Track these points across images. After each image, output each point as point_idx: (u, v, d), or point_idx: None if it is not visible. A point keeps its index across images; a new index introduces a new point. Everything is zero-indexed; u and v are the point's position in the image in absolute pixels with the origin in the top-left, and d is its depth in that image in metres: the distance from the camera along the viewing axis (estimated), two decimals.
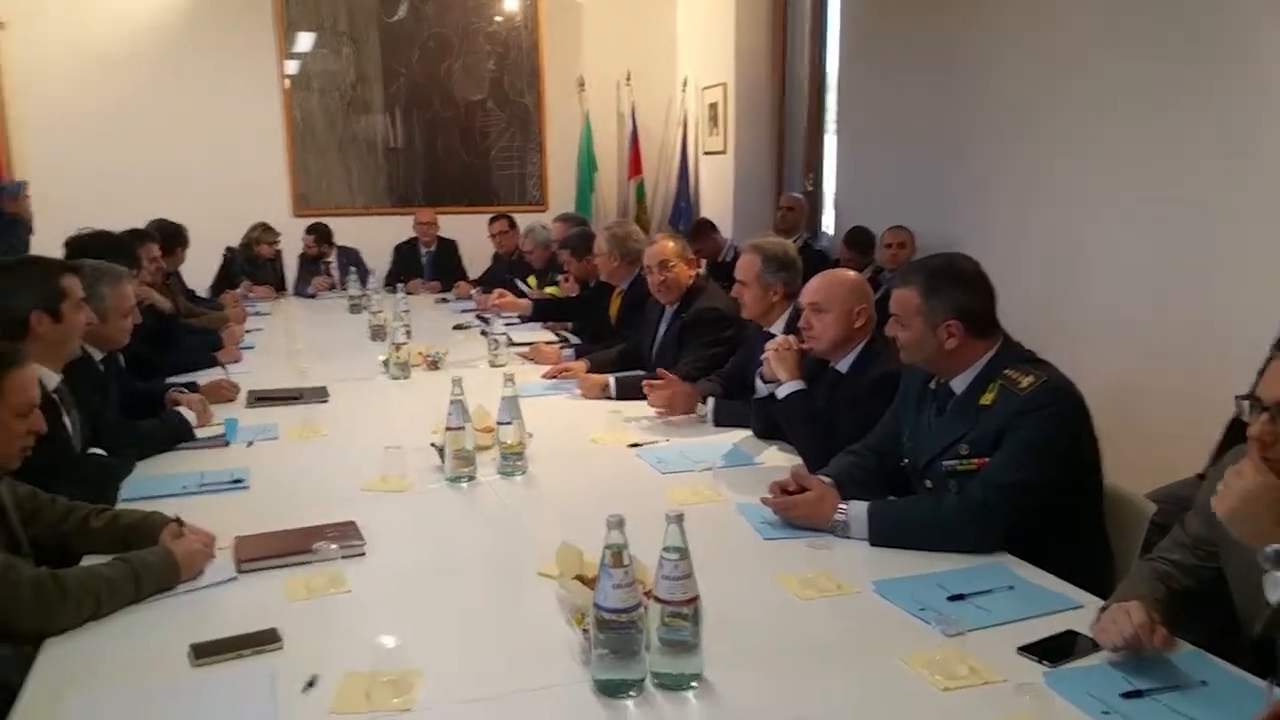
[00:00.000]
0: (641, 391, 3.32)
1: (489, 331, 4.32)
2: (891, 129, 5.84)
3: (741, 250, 3.28)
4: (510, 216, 6.94)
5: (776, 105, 7.46)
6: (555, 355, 4.21)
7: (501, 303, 5.23)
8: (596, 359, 3.99)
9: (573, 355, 4.20)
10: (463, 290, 6.45)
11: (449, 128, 7.91)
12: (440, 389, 2.69)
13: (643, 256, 3.97)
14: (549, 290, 5.74)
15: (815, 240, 6.84)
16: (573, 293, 5.36)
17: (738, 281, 3.20)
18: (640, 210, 8.06)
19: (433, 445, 2.73)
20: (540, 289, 5.88)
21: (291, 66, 7.49)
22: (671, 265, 3.77)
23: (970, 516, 2.07)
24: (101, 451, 2.62)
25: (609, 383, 3.56)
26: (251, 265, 6.64)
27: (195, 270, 6.09)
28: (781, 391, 2.71)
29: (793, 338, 2.79)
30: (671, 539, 1.51)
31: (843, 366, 2.73)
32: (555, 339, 4.74)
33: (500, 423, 2.64)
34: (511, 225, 6.80)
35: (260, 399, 3.51)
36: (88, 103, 6.95)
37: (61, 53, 6.89)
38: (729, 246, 6.82)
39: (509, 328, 4.54)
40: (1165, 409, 3.86)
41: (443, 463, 2.61)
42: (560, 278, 5.59)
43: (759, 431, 2.97)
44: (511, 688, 1.57)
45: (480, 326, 5.05)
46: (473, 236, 7.13)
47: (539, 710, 1.52)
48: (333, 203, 7.68)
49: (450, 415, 2.55)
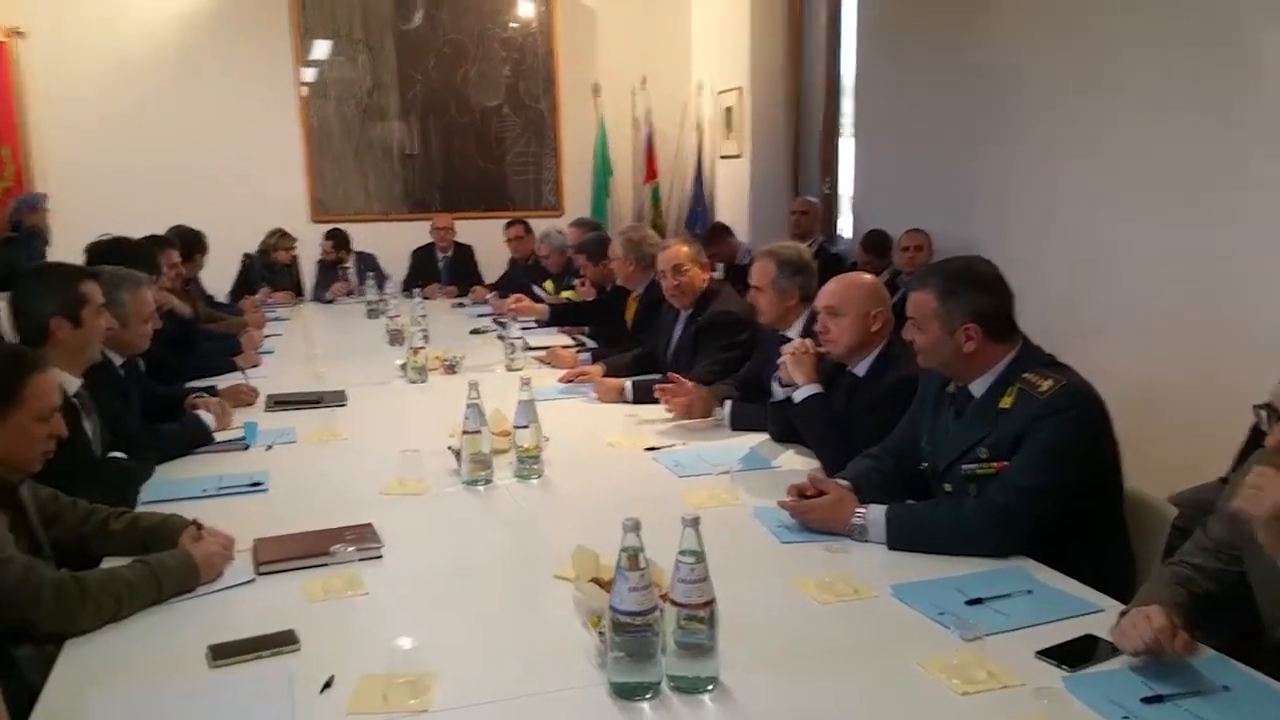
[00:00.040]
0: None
1: (505, 336, 4.33)
2: (908, 131, 5.82)
3: (755, 255, 3.28)
4: (526, 221, 6.94)
5: (792, 108, 7.44)
6: (571, 359, 4.21)
7: (518, 307, 5.25)
8: (612, 363, 3.99)
9: (589, 359, 4.20)
10: (479, 295, 6.46)
11: (465, 133, 7.94)
12: (457, 393, 2.70)
13: (657, 261, 3.97)
14: (565, 295, 5.75)
15: (831, 243, 6.82)
16: (589, 297, 5.36)
17: (753, 287, 3.19)
18: (656, 214, 8.06)
19: (449, 449, 2.74)
20: (556, 293, 5.90)
21: (308, 74, 7.54)
22: (685, 269, 3.77)
23: (990, 520, 2.05)
24: (122, 455, 2.64)
25: (625, 386, 3.57)
26: (269, 271, 6.68)
27: (214, 276, 6.15)
28: (798, 395, 2.70)
29: (809, 341, 2.78)
30: (688, 542, 1.50)
31: (860, 370, 2.72)
32: (571, 343, 4.75)
33: (517, 426, 2.65)
34: (527, 230, 6.82)
35: (279, 403, 3.54)
36: (107, 111, 7.02)
37: (81, 61, 6.96)
38: (745, 250, 6.81)
39: (525, 332, 4.54)
40: (1187, 412, 3.82)
41: (459, 466, 2.62)
42: (576, 282, 5.59)
43: (776, 435, 2.97)
44: (527, 690, 1.57)
45: (497, 331, 5.06)
46: (489, 241, 7.15)
47: (555, 713, 1.53)
48: (350, 209, 7.72)
49: (467, 419, 2.56)
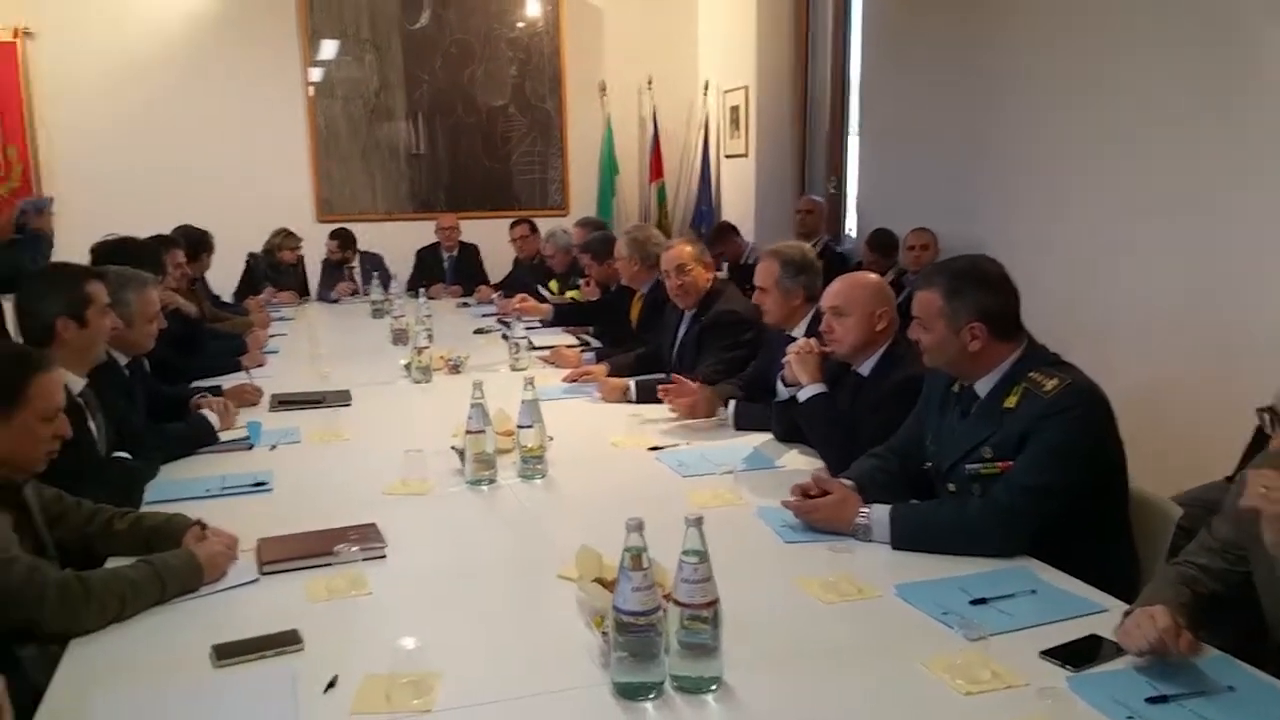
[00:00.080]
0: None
1: (510, 335, 4.33)
2: (915, 131, 5.80)
3: (759, 256, 3.27)
4: (531, 221, 6.96)
5: (799, 108, 7.43)
6: (576, 359, 4.21)
7: (523, 307, 5.26)
8: (616, 363, 3.99)
9: (593, 359, 4.19)
10: (484, 295, 6.46)
11: (471, 133, 7.94)
12: (461, 393, 2.70)
13: (661, 261, 3.96)
14: (570, 294, 5.75)
15: (837, 243, 6.81)
16: (593, 297, 5.36)
17: (758, 288, 3.18)
18: (661, 214, 8.06)
19: (453, 448, 2.74)
20: (561, 293, 5.90)
21: (315, 74, 7.55)
22: (689, 269, 3.76)
23: (994, 520, 2.05)
24: (126, 455, 2.65)
25: (629, 386, 3.56)
26: (274, 271, 6.69)
27: (220, 276, 6.16)
28: (803, 394, 2.69)
29: (814, 340, 2.77)
30: (691, 542, 1.50)
31: (865, 370, 2.71)
32: (576, 343, 4.75)
33: (521, 426, 2.65)
34: (533, 230, 6.83)
35: (283, 403, 3.54)
36: (114, 111, 7.04)
37: (88, 62, 6.98)
38: (750, 249, 6.81)
39: (530, 332, 4.55)
40: (1192, 411, 3.81)
41: (463, 466, 2.62)
42: (581, 282, 5.59)
43: (780, 435, 2.96)
44: (530, 690, 1.57)
45: (501, 330, 5.06)
46: (494, 241, 7.16)
47: (558, 713, 1.52)
48: (356, 208, 7.72)
49: (471, 419, 2.56)
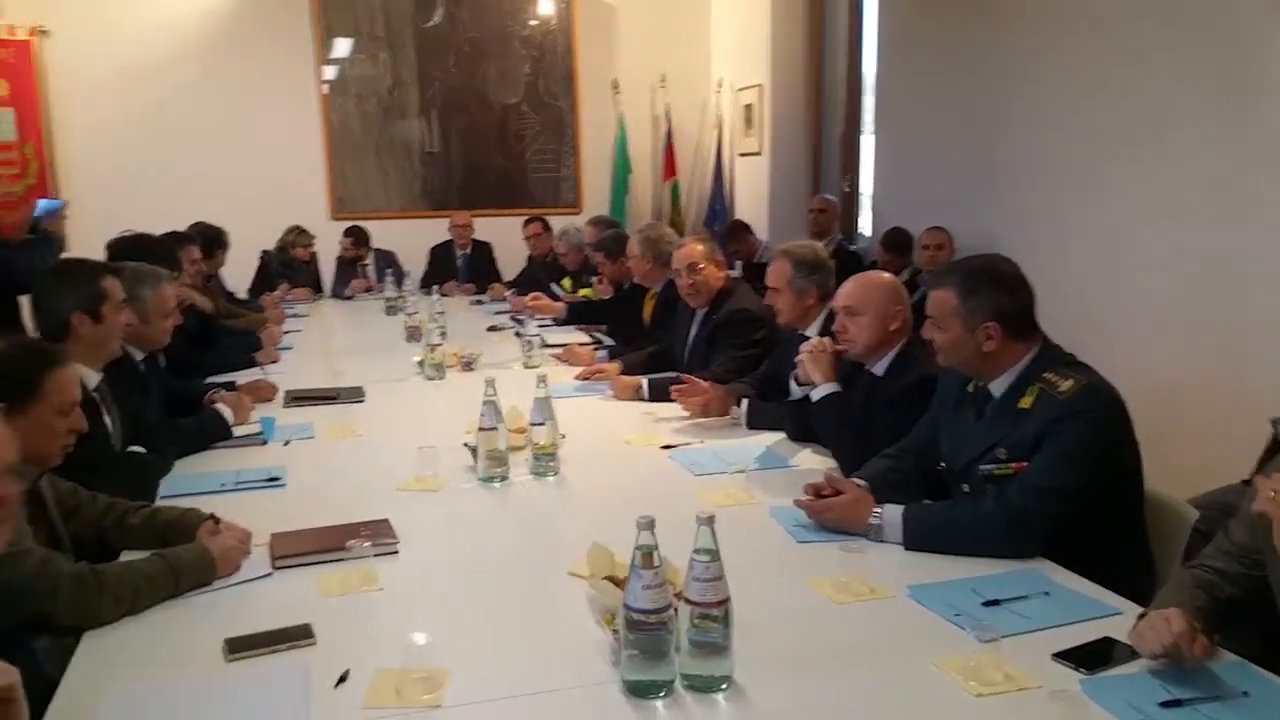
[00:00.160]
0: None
1: (523, 333, 4.34)
2: (930, 129, 5.78)
3: (771, 256, 3.26)
4: (544, 219, 6.97)
5: (813, 106, 7.42)
6: (588, 357, 4.21)
7: (536, 305, 5.26)
8: (629, 361, 3.98)
9: (606, 357, 4.19)
10: (497, 292, 6.47)
11: (484, 131, 7.95)
12: (474, 390, 2.70)
13: (673, 259, 3.95)
14: (583, 292, 5.75)
15: (851, 241, 6.79)
16: (606, 295, 5.36)
17: (770, 289, 3.17)
18: (675, 212, 8.06)
19: (466, 445, 2.74)
20: (574, 291, 5.90)
21: (329, 72, 7.57)
22: (701, 268, 3.75)
23: (1008, 521, 2.03)
24: (141, 449, 2.66)
25: (642, 384, 3.56)
26: (287, 268, 6.72)
27: (235, 273, 6.20)
28: (816, 394, 2.68)
29: (827, 340, 2.76)
30: (703, 541, 1.50)
31: (879, 369, 2.70)
32: (589, 341, 4.75)
33: (533, 423, 2.65)
34: (546, 228, 6.83)
35: (297, 399, 3.55)
36: (129, 109, 7.08)
37: (103, 60, 7.02)
38: (764, 248, 6.80)
39: (543, 329, 4.55)
40: (1209, 413, 3.78)
41: (476, 463, 2.62)
42: (594, 280, 5.59)
43: (793, 434, 2.96)
44: (541, 687, 1.57)
45: (514, 328, 5.07)
46: (507, 239, 7.17)
47: (568, 710, 1.52)
48: (369, 206, 7.75)
49: (483, 416, 2.56)
